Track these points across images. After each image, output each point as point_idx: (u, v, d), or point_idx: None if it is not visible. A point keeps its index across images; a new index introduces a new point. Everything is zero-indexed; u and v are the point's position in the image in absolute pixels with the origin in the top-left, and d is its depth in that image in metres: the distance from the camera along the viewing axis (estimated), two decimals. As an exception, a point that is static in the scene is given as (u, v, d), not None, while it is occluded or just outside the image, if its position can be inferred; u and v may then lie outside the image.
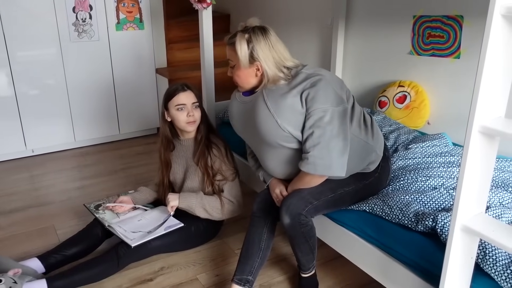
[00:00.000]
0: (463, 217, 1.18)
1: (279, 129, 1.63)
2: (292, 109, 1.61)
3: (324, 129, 1.56)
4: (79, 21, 3.15)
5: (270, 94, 1.67)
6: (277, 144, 1.69)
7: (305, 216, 1.64)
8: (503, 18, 1.00)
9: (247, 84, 1.75)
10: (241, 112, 1.82)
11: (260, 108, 1.68)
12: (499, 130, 1.08)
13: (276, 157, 1.76)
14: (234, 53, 1.67)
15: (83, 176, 3.01)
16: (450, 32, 2.32)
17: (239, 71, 1.71)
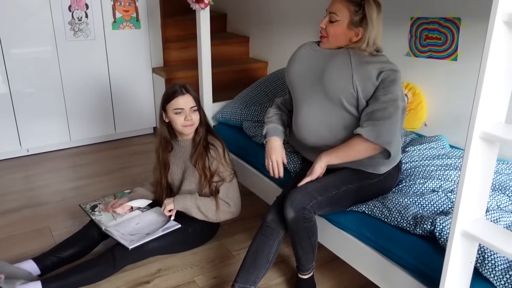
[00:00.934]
0: (463, 222, 1.19)
1: (350, 83, 1.70)
2: (369, 75, 1.68)
3: (397, 110, 1.65)
4: (75, 20, 3.13)
5: (355, 54, 1.74)
6: (336, 98, 1.73)
7: (309, 211, 1.65)
8: (505, 25, 1.00)
9: (336, 42, 1.78)
10: (310, 58, 1.85)
11: (342, 58, 1.74)
12: (500, 136, 1.08)
13: (321, 113, 1.78)
14: (345, 10, 1.71)
15: (79, 176, 2.99)
16: (448, 34, 2.33)
17: (339, 27, 1.73)
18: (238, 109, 2.58)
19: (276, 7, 3.52)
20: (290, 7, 3.38)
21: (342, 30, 1.74)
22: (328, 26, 1.76)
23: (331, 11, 1.74)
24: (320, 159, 1.72)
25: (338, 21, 1.72)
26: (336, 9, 1.72)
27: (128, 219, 2.09)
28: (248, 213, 2.49)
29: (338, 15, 1.72)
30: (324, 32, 1.78)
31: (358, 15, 1.70)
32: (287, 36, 3.44)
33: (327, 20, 1.76)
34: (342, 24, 1.73)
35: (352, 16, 1.70)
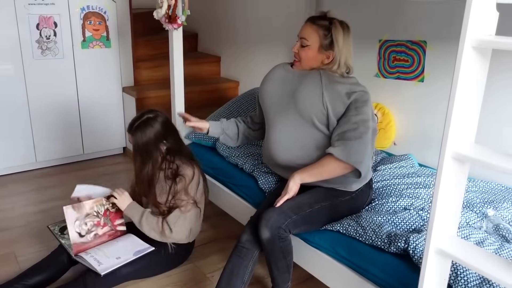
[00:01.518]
0: (438, 240, 1.21)
1: (321, 102, 1.74)
2: (340, 95, 1.74)
3: (367, 130, 1.70)
4: (43, 38, 3.07)
5: (325, 74, 1.79)
6: (307, 117, 1.77)
7: (284, 230, 1.65)
8: (474, 50, 1.05)
9: (308, 65, 1.83)
10: (283, 77, 1.90)
11: (313, 79, 1.79)
12: (470, 156, 1.12)
13: (293, 132, 1.82)
14: (314, 34, 1.76)
15: (45, 198, 2.89)
16: (414, 56, 2.42)
17: (310, 51, 1.79)
18: (211, 129, 2.56)
19: (247, 27, 3.57)
20: (261, 27, 3.43)
21: (313, 54, 1.80)
22: (300, 51, 1.82)
23: (302, 36, 1.80)
24: (293, 177, 1.73)
25: (308, 45, 1.78)
26: (306, 34, 1.78)
27: (100, 244, 2.02)
28: (222, 234, 2.47)
29: (308, 40, 1.78)
30: (297, 56, 1.84)
31: (327, 39, 1.76)
32: (258, 56, 3.48)
33: (298, 45, 1.82)
34: (313, 48, 1.79)
35: (322, 40, 1.76)
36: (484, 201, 1.91)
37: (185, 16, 2.27)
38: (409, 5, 2.37)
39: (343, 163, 1.68)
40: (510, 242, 1.63)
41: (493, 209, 1.82)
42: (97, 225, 2.08)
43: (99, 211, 2.10)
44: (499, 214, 1.79)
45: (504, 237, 1.66)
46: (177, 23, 2.31)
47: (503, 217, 1.78)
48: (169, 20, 2.33)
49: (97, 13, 3.24)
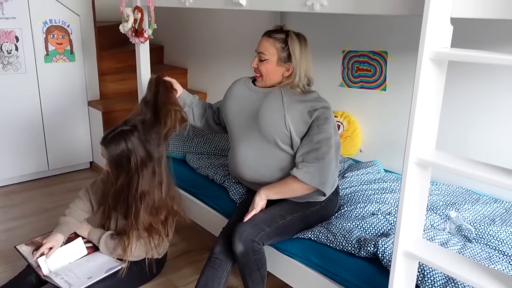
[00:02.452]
0: (405, 243, 1.27)
1: (283, 124, 1.75)
2: (302, 115, 1.75)
3: (330, 149, 1.71)
4: (4, 53, 2.99)
5: (287, 93, 1.79)
6: (271, 138, 1.78)
7: (258, 243, 1.68)
8: (431, 61, 1.12)
9: (270, 80, 1.83)
10: (245, 97, 1.90)
11: (274, 99, 1.79)
12: (432, 161, 1.18)
13: (257, 152, 1.83)
14: (272, 48, 1.76)
15: (10, 217, 2.80)
16: (376, 66, 2.51)
17: (269, 65, 1.79)
18: (180, 141, 2.57)
19: (213, 39, 3.60)
20: (227, 39, 3.46)
21: (273, 67, 1.80)
22: (259, 65, 1.82)
23: (259, 51, 1.81)
24: (259, 194, 1.78)
25: (267, 59, 1.79)
26: (264, 48, 1.79)
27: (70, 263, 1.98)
28: (194, 246, 2.47)
29: (266, 54, 1.79)
30: (258, 71, 1.85)
31: (285, 51, 1.77)
32: (225, 67, 3.52)
33: (257, 60, 1.82)
34: (272, 62, 1.79)
35: (279, 53, 1.77)
36: (446, 204, 1.99)
37: (152, 29, 2.28)
38: (370, 18, 2.47)
39: (305, 185, 1.71)
40: (472, 242, 1.72)
41: (455, 211, 1.90)
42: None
43: None
44: (461, 215, 1.88)
45: (466, 237, 1.74)
46: (143, 36, 2.31)
47: (464, 218, 1.86)
48: (136, 34, 2.32)
49: (60, 27, 3.19)
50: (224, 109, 1.98)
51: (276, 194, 1.79)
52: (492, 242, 1.71)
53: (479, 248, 1.64)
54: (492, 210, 1.96)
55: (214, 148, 2.55)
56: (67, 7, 3.19)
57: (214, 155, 2.52)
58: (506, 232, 1.73)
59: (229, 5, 1.78)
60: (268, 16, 2.95)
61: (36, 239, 2.09)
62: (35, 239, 2.09)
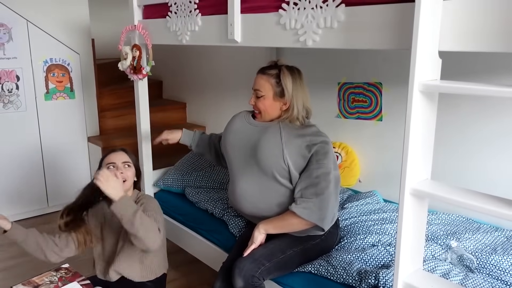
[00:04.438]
0: (404, 275, 1.26)
1: (281, 158, 1.75)
2: (300, 149, 1.75)
3: (329, 184, 1.70)
4: (5, 92, 3.04)
5: (285, 128, 1.80)
6: (269, 172, 1.78)
7: (258, 278, 1.66)
8: (421, 94, 1.14)
9: (269, 115, 1.85)
10: (244, 131, 1.91)
11: (272, 134, 1.80)
12: (427, 192, 1.19)
13: (256, 187, 1.82)
14: (266, 84, 1.80)
15: (9, 256, 2.77)
16: (372, 97, 2.54)
17: (266, 101, 1.82)
18: (179, 175, 2.58)
19: (212, 73, 3.66)
20: (225, 73, 3.53)
21: (270, 103, 1.82)
22: (257, 102, 1.85)
23: (255, 88, 1.84)
24: (258, 228, 1.77)
25: (263, 95, 1.81)
26: (259, 85, 1.82)
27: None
28: (194, 282, 2.44)
29: (262, 91, 1.81)
30: (256, 108, 1.87)
31: (279, 86, 1.79)
32: (223, 100, 3.56)
33: (254, 97, 1.85)
34: (268, 98, 1.81)
35: (274, 88, 1.79)
36: (447, 233, 1.98)
37: (150, 66, 2.33)
38: (364, 50, 2.52)
39: (305, 220, 1.71)
40: (474, 272, 1.70)
41: (456, 241, 1.89)
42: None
43: (51, 280, 2.06)
44: (461, 245, 1.86)
45: (468, 267, 1.72)
46: (142, 73, 2.36)
47: (465, 248, 1.85)
48: (134, 71, 2.37)
49: (61, 65, 3.26)
50: (224, 143, 2.00)
51: (274, 229, 1.78)
52: (494, 272, 1.69)
53: (481, 279, 1.62)
54: (493, 239, 1.94)
55: (213, 182, 2.56)
56: (67, 46, 3.26)
57: (213, 189, 2.52)
58: (508, 262, 1.71)
59: (225, 42, 1.82)
60: (264, 51, 3.02)
61: (33, 279, 2.06)
62: (31, 279, 2.06)
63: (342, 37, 1.39)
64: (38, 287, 2.03)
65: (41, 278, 2.07)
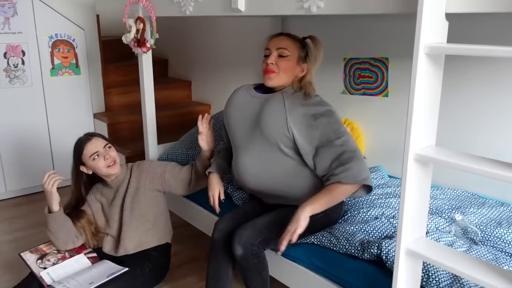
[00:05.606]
0: (407, 241, 1.25)
1: (285, 126, 1.72)
2: (305, 118, 1.72)
3: (354, 145, 1.71)
4: (11, 67, 3.05)
5: (289, 97, 1.77)
6: (273, 143, 1.75)
7: (257, 247, 1.66)
8: (427, 56, 1.12)
9: (285, 77, 1.80)
10: (247, 103, 1.88)
11: (275, 102, 1.77)
12: (432, 157, 1.17)
13: (260, 159, 1.79)
14: (293, 45, 1.78)
15: (16, 228, 2.82)
16: (378, 72, 2.51)
17: (290, 62, 1.78)
18: (184, 149, 2.58)
19: (217, 51, 3.64)
20: (230, 50, 3.50)
21: (293, 65, 1.78)
22: (278, 62, 1.77)
23: (280, 47, 1.77)
24: (303, 210, 1.60)
25: (288, 55, 1.76)
26: (285, 44, 1.77)
27: (73, 272, 1.98)
28: (198, 254, 2.45)
29: (289, 50, 1.76)
30: (275, 67, 1.77)
31: (303, 52, 1.80)
32: (228, 78, 3.54)
33: (276, 55, 1.77)
34: (293, 59, 1.78)
35: (299, 52, 1.79)
36: (451, 207, 1.97)
37: (154, 39, 2.31)
38: (371, 25, 2.48)
39: (351, 185, 1.65)
40: (478, 244, 1.69)
41: (460, 214, 1.88)
42: (63, 258, 2.06)
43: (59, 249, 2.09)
44: (466, 218, 1.85)
45: (472, 239, 1.72)
46: (146, 46, 2.34)
47: (470, 221, 1.84)
48: (138, 44, 2.36)
49: (66, 41, 3.25)
50: (226, 118, 1.96)
51: (321, 206, 1.64)
52: (498, 244, 1.68)
53: (485, 250, 1.62)
54: (498, 213, 1.93)
55: (218, 156, 2.55)
56: (72, 22, 3.25)
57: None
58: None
59: (228, 11, 1.80)
60: (269, 27, 2.98)
61: (40, 247, 2.10)
62: (39, 247, 2.10)
63: (347, 3, 1.36)
64: (45, 255, 2.07)
65: (48, 246, 2.11)
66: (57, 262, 2.03)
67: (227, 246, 1.75)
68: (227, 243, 1.74)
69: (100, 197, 2.13)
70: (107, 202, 2.12)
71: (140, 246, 2.09)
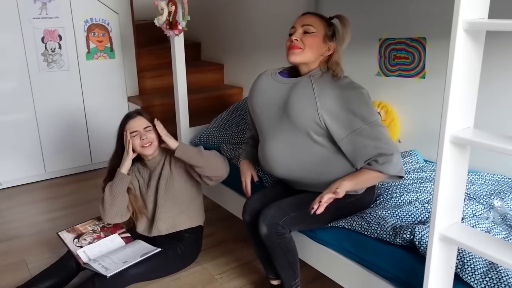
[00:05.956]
0: (441, 226, 1.21)
1: (315, 112, 1.65)
2: (337, 100, 1.65)
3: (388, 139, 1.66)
4: (48, 51, 3.13)
5: (317, 81, 1.71)
6: (302, 129, 1.68)
7: (282, 227, 1.64)
8: (466, 33, 1.06)
9: (311, 54, 1.73)
10: (272, 88, 1.81)
11: (303, 88, 1.71)
12: (469, 139, 1.12)
13: (289, 147, 1.73)
14: (320, 23, 1.74)
15: (55, 207, 2.92)
16: (415, 53, 2.42)
17: (316, 39, 1.72)
18: (215, 132, 2.59)
19: (249, 34, 3.61)
20: (262, 33, 3.46)
21: (319, 42, 1.73)
22: (303, 38, 1.71)
23: (306, 24, 1.73)
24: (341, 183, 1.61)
25: (314, 32, 1.71)
26: (311, 21, 1.73)
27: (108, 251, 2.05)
28: (230, 236, 2.48)
29: (315, 27, 1.72)
30: (300, 43, 1.71)
31: (330, 30, 1.75)
32: (261, 61, 3.51)
33: (301, 32, 1.72)
34: (319, 36, 1.72)
35: (326, 30, 1.74)
36: (490, 193, 1.89)
37: (186, 21, 2.31)
38: (407, 3, 2.39)
39: (384, 175, 1.65)
40: (518, 231, 1.62)
41: (499, 200, 1.81)
42: (98, 238, 2.12)
43: (94, 229, 2.17)
44: (505, 204, 1.78)
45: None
46: (178, 29, 2.35)
47: (510, 208, 1.77)
48: (170, 26, 2.36)
49: (101, 25, 3.30)
50: (251, 104, 1.89)
51: (358, 186, 1.68)
52: (540, 232, 1.61)
53: (525, 238, 1.55)
54: (540, 199, 1.84)
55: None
56: (107, 6, 3.29)
57: (249, 146, 2.51)
58: (555, 221, 1.62)
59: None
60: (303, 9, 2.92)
61: (77, 226, 2.18)
62: (75, 226, 2.18)
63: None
64: (81, 235, 2.14)
65: (84, 226, 2.18)
66: (93, 241, 2.11)
67: (256, 226, 1.74)
68: (256, 223, 1.74)
69: (138, 175, 2.18)
70: (144, 182, 2.17)
71: (173, 227, 2.13)
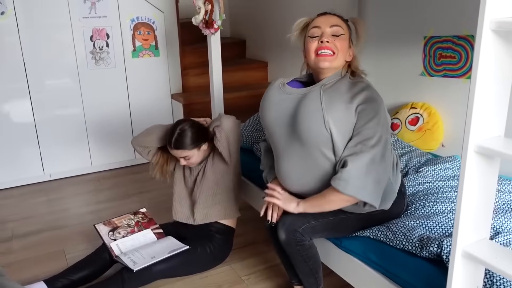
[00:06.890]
0: (465, 243, 1.12)
1: (323, 126, 1.49)
2: (348, 112, 1.49)
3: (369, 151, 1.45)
4: (96, 49, 3.25)
5: (327, 91, 1.54)
6: (313, 144, 1.53)
7: (301, 234, 1.59)
8: (494, 33, 0.97)
9: (341, 59, 1.57)
10: (281, 101, 1.65)
11: (312, 100, 1.55)
12: (497, 150, 1.02)
13: (303, 165, 1.59)
14: (343, 25, 1.58)
15: (98, 200, 3.04)
16: (462, 52, 2.27)
17: (345, 42, 1.56)
18: (249, 132, 2.57)
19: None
20: (305, 31, 3.40)
21: (346, 46, 1.57)
22: (334, 41, 1.54)
23: (335, 24, 1.55)
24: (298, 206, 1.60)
25: (342, 35, 1.55)
26: (338, 22, 1.57)
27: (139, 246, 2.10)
28: (259, 238, 2.46)
29: (343, 28, 1.56)
30: (333, 47, 1.54)
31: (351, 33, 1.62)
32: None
33: (329, 36, 1.54)
34: (346, 39, 1.57)
35: (348, 32, 1.60)
36: (535, 205, 1.74)
37: (221, 20, 2.31)
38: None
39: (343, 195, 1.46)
40: None
41: (545, 214, 1.65)
42: (132, 232, 2.18)
43: (129, 223, 2.23)
44: (552, 219, 1.62)
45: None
46: (214, 27, 2.35)
47: (558, 223, 1.61)
48: (207, 25, 2.37)
49: (146, 24, 3.38)
50: (263, 119, 1.73)
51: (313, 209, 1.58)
52: None
53: None
54: None
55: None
56: (153, 5, 3.37)
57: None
58: None
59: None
60: (346, 6, 2.83)
61: (113, 220, 2.24)
62: (112, 220, 2.24)
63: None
64: (116, 228, 2.21)
65: (120, 220, 2.25)
66: (126, 235, 2.16)
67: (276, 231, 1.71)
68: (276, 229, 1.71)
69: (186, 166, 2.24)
70: (189, 173, 2.23)
71: (207, 218, 2.17)
